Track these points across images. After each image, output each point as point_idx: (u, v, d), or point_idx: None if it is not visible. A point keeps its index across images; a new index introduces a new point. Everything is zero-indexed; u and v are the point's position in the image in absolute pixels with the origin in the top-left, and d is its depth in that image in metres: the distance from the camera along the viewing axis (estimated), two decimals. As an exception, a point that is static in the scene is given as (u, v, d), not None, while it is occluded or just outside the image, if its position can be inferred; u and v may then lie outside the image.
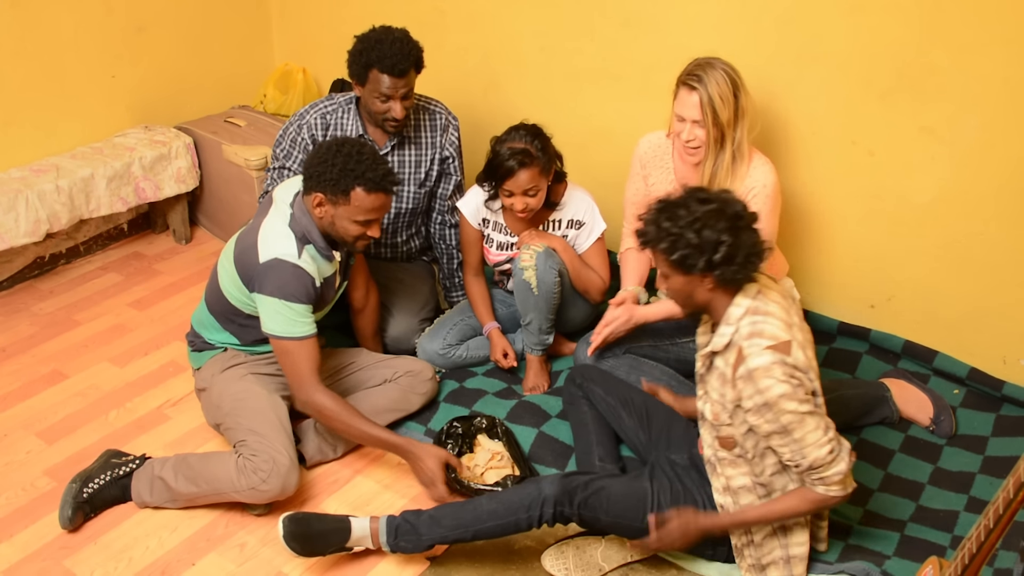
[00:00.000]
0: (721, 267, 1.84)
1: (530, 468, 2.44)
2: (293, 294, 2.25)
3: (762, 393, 1.82)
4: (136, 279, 3.39)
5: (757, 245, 1.87)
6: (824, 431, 1.85)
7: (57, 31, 3.23)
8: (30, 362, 2.90)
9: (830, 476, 1.87)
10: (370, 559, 2.21)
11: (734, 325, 1.89)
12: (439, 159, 2.87)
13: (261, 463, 2.23)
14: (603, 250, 2.76)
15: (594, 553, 2.19)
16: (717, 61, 2.38)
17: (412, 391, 2.61)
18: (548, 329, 2.75)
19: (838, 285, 2.94)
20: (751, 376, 1.83)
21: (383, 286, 2.90)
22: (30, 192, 3.05)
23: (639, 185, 2.67)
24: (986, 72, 2.45)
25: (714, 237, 1.82)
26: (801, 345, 1.88)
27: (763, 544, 2.05)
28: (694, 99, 2.36)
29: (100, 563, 2.20)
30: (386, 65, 2.56)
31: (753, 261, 1.87)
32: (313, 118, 2.78)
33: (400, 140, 2.80)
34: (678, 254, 1.85)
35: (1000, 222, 2.57)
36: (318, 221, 2.30)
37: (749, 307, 1.89)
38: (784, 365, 1.82)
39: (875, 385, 2.65)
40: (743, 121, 2.40)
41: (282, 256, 2.26)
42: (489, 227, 2.80)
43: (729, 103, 2.36)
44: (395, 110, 2.63)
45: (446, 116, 2.87)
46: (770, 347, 1.83)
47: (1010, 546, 1.87)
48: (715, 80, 2.35)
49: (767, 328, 1.86)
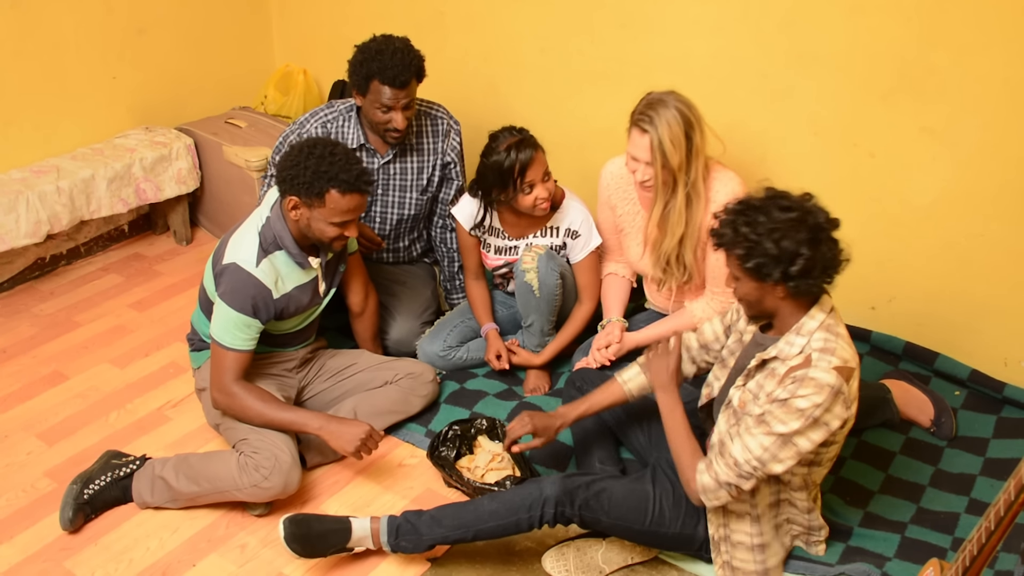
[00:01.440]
0: (797, 279, 1.81)
1: (531, 469, 2.44)
2: (237, 302, 2.25)
3: (793, 394, 1.81)
4: (137, 280, 3.39)
5: (836, 258, 1.84)
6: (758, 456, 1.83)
7: (58, 32, 3.24)
8: (31, 363, 2.90)
9: (715, 468, 1.89)
10: (371, 560, 2.21)
11: (807, 337, 1.86)
12: (441, 164, 2.86)
13: (263, 460, 2.23)
14: (596, 265, 2.75)
15: (594, 555, 2.19)
16: (671, 98, 2.34)
17: (413, 393, 2.61)
18: (549, 331, 2.75)
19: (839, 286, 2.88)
20: (804, 380, 1.81)
21: (385, 288, 2.90)
22: (31, 193, 3.05)
23: (607, 213, 2.68)
24: (987, 73, 2.45)
25: (793, 248, 1.78)
26: (858, 376, 1.87)
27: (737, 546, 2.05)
28: (644, 141, 2.35)
29: (101, 564, 2.20)
30: (387, 77, 2.54)
31: (830, 274, 1.84)
32: (313, 127, 2.77)
33: (401, 148, 2.79)
34: (753, 262, 1.81)
35: (1001, 223, 2.57)
36: (293, 224, 2.29)
37: (824, 322, 1.87)
38: (832, 395, 1.80)
39: (876, 387, 2.64)
40: (696, 161, 2.36)
41: (239, 262, 2.27)
42: (485, 231, 2.79)
43: (680, 146, 2.32)
44: (396, 121, 2.62)
45: (447, 121, 2.87)
46: (836, 367, 1.81)
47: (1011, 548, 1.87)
48: (666, 121, 2.30)
49: (839, 349, 1.84)
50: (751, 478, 1.87)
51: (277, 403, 2.32)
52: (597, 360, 2.60)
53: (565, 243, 2.73)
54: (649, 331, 2.61)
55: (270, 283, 2.29)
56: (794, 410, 1.81)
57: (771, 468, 1.86)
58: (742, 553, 2.05)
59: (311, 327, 2.56)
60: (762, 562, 2.05)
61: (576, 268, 2.74)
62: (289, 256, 2.32)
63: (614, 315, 2.67)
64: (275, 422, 2.29)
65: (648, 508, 2.06)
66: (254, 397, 2.30)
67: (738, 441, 1.87)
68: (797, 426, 1.81)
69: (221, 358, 2.30)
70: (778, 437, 1.82)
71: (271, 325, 2.40)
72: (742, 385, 1.98)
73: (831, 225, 1.84)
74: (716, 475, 1.90)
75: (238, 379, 2.30)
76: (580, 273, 2.74)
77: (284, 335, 2.49)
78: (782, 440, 1.82)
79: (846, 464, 2.48)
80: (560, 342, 2.77)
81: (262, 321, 2.31)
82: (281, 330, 2.46)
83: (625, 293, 2.72)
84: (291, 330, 2.49)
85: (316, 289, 2.43)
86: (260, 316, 2.29)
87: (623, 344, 2.59)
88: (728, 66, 2.82)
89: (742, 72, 2.78)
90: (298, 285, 2.37)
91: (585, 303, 2.76)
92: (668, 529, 2.07)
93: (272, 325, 2.40)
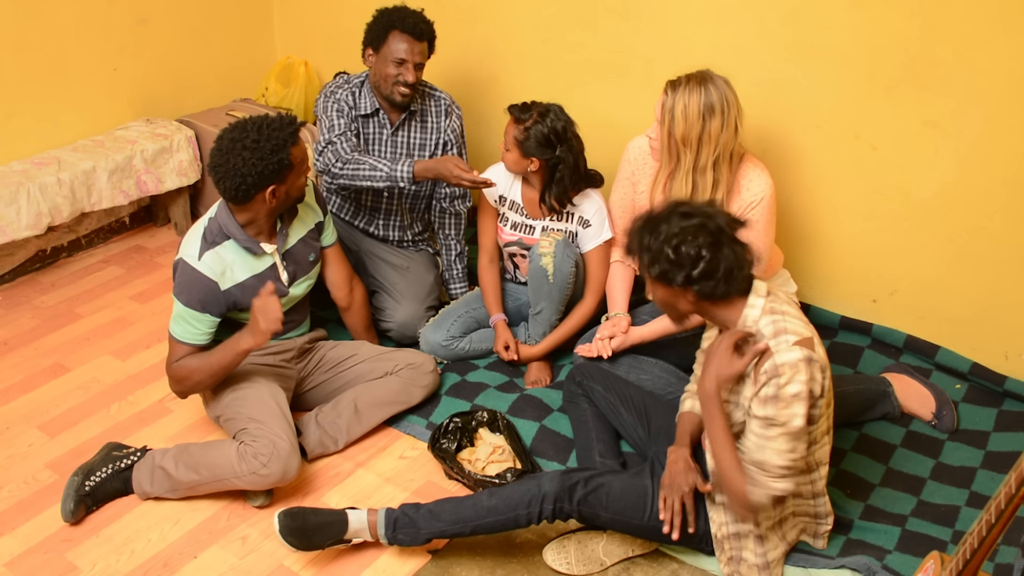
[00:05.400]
0: (700, 282, 1.85)
1: (531, 462, 2.44)
2: (184, 296, 2.29)
3: (780, 387, 1.82)
4: (138, 272, 3.39)
5: (739, 259, 1.86)
6: (793, 450, 1.85)
7: (59, 23, 3.23)
8: (32, 355, 2.91)
9: (772, 484, 1.88)
10: (372, 551, 2.21)
11: (753, 327, 1.89)
12: (441, 143, 2.90)
13: (261, 448, 2.24)
14: (605, 260, 2.74)
15: (595, 547, 2.19)
16: (716, 81, 2.32)
17: (413, 384, 2.61)
18: (556, 321, 2.75)
19: (840, 280, 2.94)
20: (777, 370, 1.83)
21: (388, 272, 2.94)
22: (32, 185, 3.05)
23: (626, 190, 2.67)
24: (990, 66, 2.44)
25: (693, 253, 1.83)
26: (819, 341, 1.89)
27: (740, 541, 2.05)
28: (661, 100, 2.35)
29: (102, 556, 2.20)
30: (408, 25, 2.67)
31: (736, 276, 1.86)
32: (345, 95, 2.83)
33: (409, 118, 2.86)
34: (657, 269, 1.87)
35: (1003, 217, 2.57)
36: (262, 210, 2.31)
37: (765, 307, 1.89)
38: (811, 364, 1.82)
39: (877, 380, 2.64)
40: (706, 148, 2.33)
41: (185, 257, 2.31)
42: (506, 205, 2.80)
43: (691, 122, 2.30)
44: (407, 74, 2.71)
45: (449, 103, 2.93)
46: (798, 343, 1.83)
47: (1011, 541, 1.87)
48: (690, 94, 2.30)
49: (790, 325, 1.86)
50: (794, 471, 1.89)
51: (213, 352, 2.32)
52: (597, 348, 2.59)
53: (577, 232, 2.73)
54: (654, 326, 2.59)
55: (214, 275, 2.30)
56: (790, 399, 1.82)
57: (804, 453, 1.89)
58: (746, 546, 2.05)
59: (294, 316, 2.55)
60: (763, 555, 2.05)
61: (586, 257, 2.74)
62: (238, 244, 2.33)
63: (620, 308, 2.66)
64: (218, 365, 2.31)
65: (647, 503, 2.06)
66: (195, 359, 2.32)
67: (769, 452, 1.87)
68: (803, 410, 1.83)
69: (173, 349, 2.34)
70: (799, 429, 1.84)
71: (240, 315, 2.41)
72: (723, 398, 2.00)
73: (732, 227, 1.87)
74: (776, 490, 1.89)
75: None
76: (590, 261, 2.74)
77: None
78: (802, 430, 1.85)
79: (847, 457, 2.48)
80: (560, 335, 2.77)
81: (214, 314, 2.33)
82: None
83: (630, 283, 2.71)
84: None
85: (278, 277, 2.43)
86: (211, 310, 2.32)
87: (627, 337, 2.58)
88: (731, 58, 2.80)
89: (745, 64, 2.77)
90: (254, 274, 2.37)
91: (588, 298, 2.76)
92: (668, 523, 2.07)
93: (240, 315, 2.41)
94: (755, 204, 2.41)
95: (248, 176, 2.22)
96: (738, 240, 1.88)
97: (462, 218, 3.04)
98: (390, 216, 3.01)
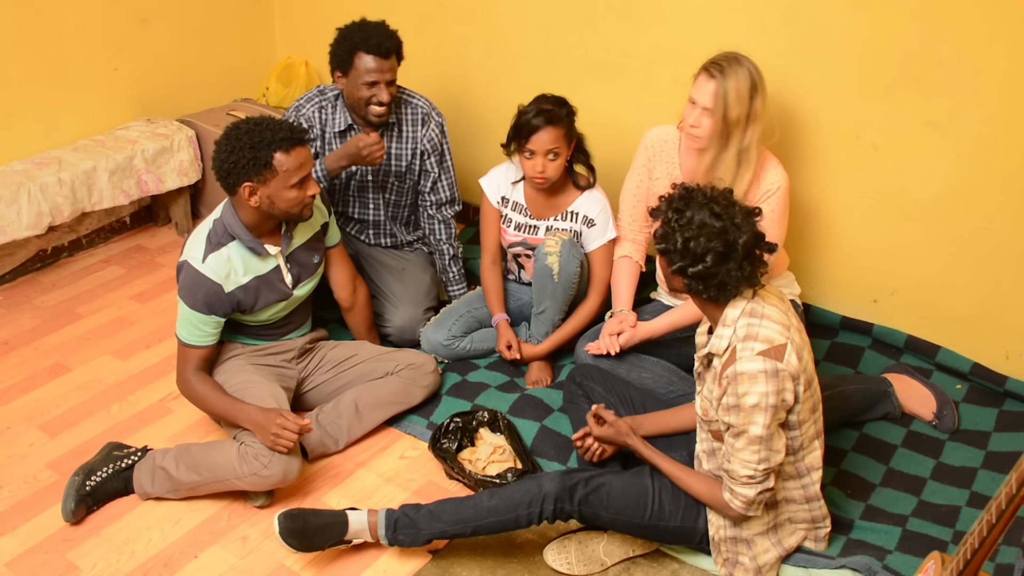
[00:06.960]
0: (691, 280, 1.86)
1: (532, 462, 2.44)
2: (189, 299, 2.30)
3: (739, 397, 1.83)
4: (138, 272, 3.39)
5: (740, 278, 1.85)
6: (757, 461, 1.86)
7: (59, 23, 3.23)
8: (32, 355, 2.91)
9: (738, 491, 1.92)
10: (372, 551, 2.21)
11: (731, 327, 1.89)
12: (418, 153, 2.88)
13: (263, 449, 2.24)
14: (609, 259, 2.74)
15: (596, 548, 2.19)
16: (745, 59, 2.35)
17: (414, 384, 2.61)
18: (560, 321, 2.75)
19: (841, 280, 2.94)
20: (736, 378, 1.84)
21: (384, 276, 2.93)
22: (32, 185, 3.05)
23: (642, 177, 2.66)
24: (991, 66, 2.44)
25: (699, 253, 1.82)
26: (798, 348, 1.87)
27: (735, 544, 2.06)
28: (710, 87, 2.34)
29: (103, 555, 2.20)
30: (371, 45, 2.60)
31: (729, 290, 1.86)
32: (309, 111, 2.80)
33: (382, 131, 2.81)
34: (663, 244, 1.88)
35: (1004, 217, 2.57)
36: (256, 211, 2.29)
37: (746, 308, 1.89)
38: (773, 377, 1.81)
39: (877, 380, 2.64)
40: (754, 125, 2.37)
41: (189, 260, 2.31)
42: (508, 207, 2.80)
43: (743, 102, 2.33)
44: (381, 94, 2.66)
45: (427, 110, 2.87)
46: (762, 352, 1.82)
47: (1012, 541, 1.87)
48: (737, 75, 2.32)
49: (762, 332, 1.85)
50: (768, 477, 1.90)
51: (226, 395, 2.34)
52: (605, 345, 2.57)
53: (581, 231, 2.73)
54: (662, 320, 2.57)
55: (219, 277, 2.30)
56: (749, 409, 1.83)
57: (775, 460, 1.88)
58: (741, 550, 2.06)
59: (296, 317, 2.56)
60: (755, 559, 2.05)
61: (590, 257, 2.74)
62: (243, 245, 2.33)
63: (624, 305, 2.66)
64: (220, 411, 2.34)
65: (647, 503, 2.06)
66: (208, 387, 2.35)
67: (735, 460, 1.89)
68: (765, 420, 1.83)
69: (181, 352, 2.37)
70: (759, 438, 1.84)
71: (243, 317, 2.41)
72: (699, 391, 2.02)
73: (747, 249, 1.84)
74: (744, 497, 1.92)
75: (197, 371, 2.36)
76: (594, 260, 2.74)
77: (263, 326, 2.50)
78: (765, 437, 1.84)
79: (847, 457, 2.48)
80: (563, 334, 2.77)
81: (219, 315, 2.33)
82: (258, 321, 2.46)
83: (635, 280, 2.71)
84: (269, 321, 2.49)
85: (283, 279, 2.43)
86: (216, 311, 2.32)
87: (635, 333, 2.56)
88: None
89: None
90: (258, 275, 2.37)
91: (592, 297, 2.76)
92: (668, 523, 2.07)
93: (242, 317, 2.41)
94: (771, 193, 2.42)
95: (225, 163, 2.22)
96: (752, 261, 1.86)
97: (451, 224, 3.03)
98: (378, 227, 3.01)
